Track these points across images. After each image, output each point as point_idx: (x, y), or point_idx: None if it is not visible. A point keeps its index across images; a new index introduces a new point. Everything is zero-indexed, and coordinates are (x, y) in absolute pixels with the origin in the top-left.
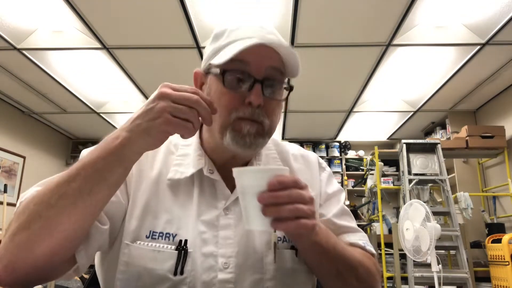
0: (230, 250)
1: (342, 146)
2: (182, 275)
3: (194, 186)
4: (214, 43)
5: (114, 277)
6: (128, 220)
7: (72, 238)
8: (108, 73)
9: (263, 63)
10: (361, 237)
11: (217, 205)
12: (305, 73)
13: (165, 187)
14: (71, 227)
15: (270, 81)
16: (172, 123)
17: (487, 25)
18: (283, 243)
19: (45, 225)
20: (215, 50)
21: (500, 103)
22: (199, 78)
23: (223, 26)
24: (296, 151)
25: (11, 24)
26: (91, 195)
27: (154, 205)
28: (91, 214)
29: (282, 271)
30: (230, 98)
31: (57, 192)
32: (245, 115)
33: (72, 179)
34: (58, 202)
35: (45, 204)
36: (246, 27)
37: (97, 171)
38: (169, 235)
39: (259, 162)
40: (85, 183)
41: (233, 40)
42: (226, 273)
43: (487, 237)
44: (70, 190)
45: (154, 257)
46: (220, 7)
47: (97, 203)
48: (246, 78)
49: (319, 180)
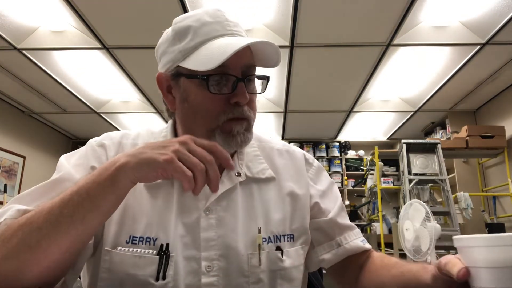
0: (213, 253)
1: (342, 146)
2: (164, 280)
3: (174, 188)
4: (177, 42)
5: (96, 284)
6: (107, 225)
7: (62, 265)
8: (108, 73)
9: (240, 60)
10: (358, 234)
11: (198, 205)
12: (305, 73)
13: (144, 190)
14: (62, 256)
15: (249, 77)
16: (175, 165)
17: (487, 25)
18: (268, 244)
19: (34, 255)
20: (182, 51)
21: (500, 103)
22: (164, 81)
23: (183, 22)
24: (281, 146)
25: (11, 24)
26: (84, 223)
27: (133, 209)
28: (82, 241)
29: (267, 273)
30: (216, 101)
31: (49, 219)
32: (235, 116)
33: (64, 205)
34: (50, 231)
35: (35, 233)
36: (211, 23)
37: (90, 198)
38: (150, 239)
39: (241, 162)
40: (78, 210)
41: (203, 41)
42: (209, 276)
43: None
44: (62, 218)
45: (135, 262)
46: (220, 7)
47: (89, 231)
48: (227, 79)
49: (306, 177)
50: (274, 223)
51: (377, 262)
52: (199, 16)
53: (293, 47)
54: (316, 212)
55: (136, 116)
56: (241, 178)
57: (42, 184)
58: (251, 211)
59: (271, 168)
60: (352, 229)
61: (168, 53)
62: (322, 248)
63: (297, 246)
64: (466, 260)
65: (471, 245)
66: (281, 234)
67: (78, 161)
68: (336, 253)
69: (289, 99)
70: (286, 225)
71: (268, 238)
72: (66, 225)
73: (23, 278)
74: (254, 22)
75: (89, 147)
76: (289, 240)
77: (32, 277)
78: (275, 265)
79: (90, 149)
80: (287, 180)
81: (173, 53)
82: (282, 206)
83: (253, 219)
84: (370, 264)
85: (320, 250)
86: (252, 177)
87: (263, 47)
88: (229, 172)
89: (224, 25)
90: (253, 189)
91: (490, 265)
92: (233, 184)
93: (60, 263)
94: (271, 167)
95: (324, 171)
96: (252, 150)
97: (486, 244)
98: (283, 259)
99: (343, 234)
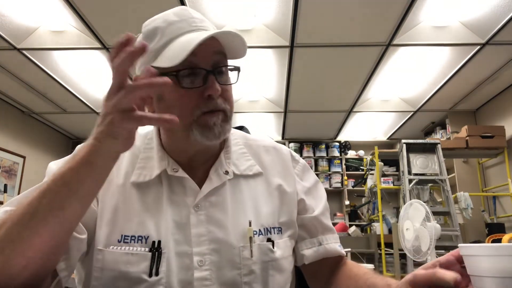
0: (204, 248)
1: (342, 146)
2: (157, 276)
3: (163, 187)
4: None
5: (90, 284)
6: (99, 225)
7: (48, 255)
8: (108, 73)
9: (208, 52)
10: (337, 239)
11: (187, 202)
12: (305, 73)
13: (134, 190)
14: (45, 245)
15: (219, 68)
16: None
17: (487, 25)
18: (259, 236)
19: (18, 247)
20: (153, 51)
21: (500, 103)
22: None
23: (151, 24)
24: (268, 143)
25: (11, 24)
26: (63, 210)
27: (123, 209)
28: (66, 229)
29: (259, 264)
30: (189, 96)
31: (28, 211)
32: (209, 109)
33: (42, 195)
34: (30, 222)
35: (17, 226)
36: (177, 22)
37: (66, 184)
38: (142, 237)
39: (228, 161)
40: (55, 198)
41: (170, 39)
42: (202, 270)
43: (487, 237)
44: (41, 207)
45: (128, 260)
46: (220, 7)
47: (71, 218)
48: (197, 72)
49: (293, 173)
50: (264, 216)
51: (347, 270)
52: (166, 17)
53: (293, 47)
54: (301, 209)
55: None
56: (229, 176)
57: (31, 188)
58: (240, 206)
59: (259, 164)
60: (333, 232)
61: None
62: (304, 244)
63: (285, 238)
64: (470, 268)
65: (477, 254)
66: (271, 227)
67: None
68: (316, 251)
69: (289, 99)
70: (275, 218)
71: (259, 231)
72: (45, 214)
73: (12, 271)
74: (254, 22)
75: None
76: (278, 233)
77: (20, 269)
78: (266, 257)
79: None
80: (274, 175)
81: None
82: (271, 200)
83: (243, 213)
84: (341, 272)
85: (302, 245)
86: (240, 174)
87: (231, 38)
88: (217, 170)
89: (189, 22)
90: (242, 185)
91: (494, 274)
92: (221, 182)
93: (45, 253)
94: (258, 164)
95: (310, 170)
96: (239, 148)
97: (491, 254)
98: (274, 250)
99: (325, 235)
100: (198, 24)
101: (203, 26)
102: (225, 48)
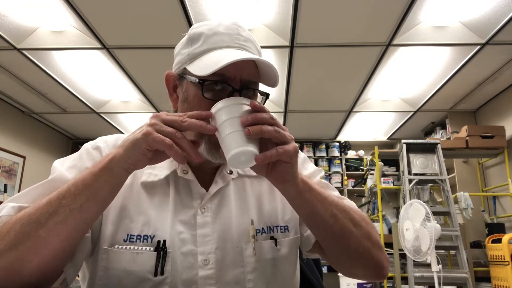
0: (209, 247)
1: (342, 146)
2: (162, 275)
3: (170, 188)
4: (188, 46)
5: (95, 283)
6: (104, 224)
7: (61, 255)
8: (108, 73)
9: (241, 74)
10: (349, 202)
11: (193, 204)
12: (305, 73)
13: (140, 190)
14: (61, 245)
15: (246, 90)
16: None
17: (487, 25)
18: (262, 235)
19: (33, 245)
20: (190, 55)
21: (500, 103)
22: (171, 80)
23: (199, 29)
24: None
25: (11, 24)
26: (81, 212)
27: (129, 209)
28: (81, 231)
29: (262, 262)
30: (208, 107)
31: (47, 210)
32: None
33: (62, 196)
34: (48, 221)
35: (34, 224)
36: (222, 34)
37: (87, 187)
38: (147, 237)
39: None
40: (75, 200)
41: (210, 48)
42: (206, 269)
43: (487, 237)
44: (61, 208)
45: (133, 259)
46: (220, 7)
47: (87, 220)
48: (224, 88)
49: None
50: (267, 215)
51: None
52: (213, 26)
53: (293, 47)
54: None
55: (136, 116)
56: (233, 176)
57: (35, 185)
58: (244, 205)
59: None
60: (341, 199)
61: (179, 55)
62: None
63: (291, 236)
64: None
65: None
66: (274, 225)
67: (72, 163)
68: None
69: (289, 99)
70: (278, 216)
71: (262, 229)
72: (64, 214)
73: (23, 269)
74: (254, 22)
75: (84, 150)
76: (283, 231)
77: (31, 268)
78: (269, 255)
79: (85, 152)
80: None
81: (183, 55)
82: (274, 198)
83: (246, 211)
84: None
85: (304, 228)
86: (244, 175)
87: (264, 67)
88: (222, 172)
89: (233, 37)
90: (246, 184)
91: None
92: (226, 182)
93: (59, 252)
94: None
95: (310, 163)
96: None
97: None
98: (278, 249)
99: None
100: (241, 42)
101: (245, 45)
102: (260, 73)
